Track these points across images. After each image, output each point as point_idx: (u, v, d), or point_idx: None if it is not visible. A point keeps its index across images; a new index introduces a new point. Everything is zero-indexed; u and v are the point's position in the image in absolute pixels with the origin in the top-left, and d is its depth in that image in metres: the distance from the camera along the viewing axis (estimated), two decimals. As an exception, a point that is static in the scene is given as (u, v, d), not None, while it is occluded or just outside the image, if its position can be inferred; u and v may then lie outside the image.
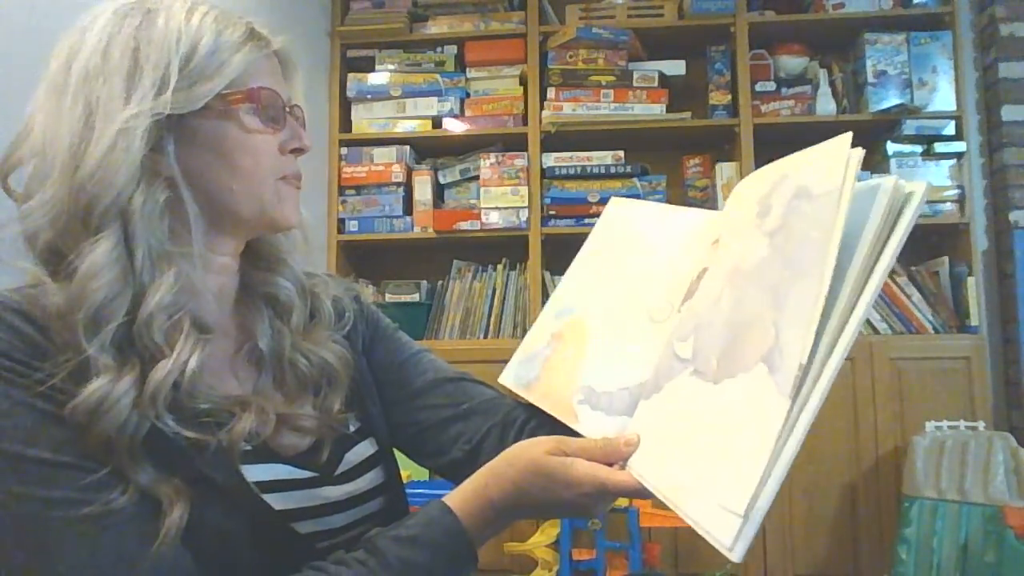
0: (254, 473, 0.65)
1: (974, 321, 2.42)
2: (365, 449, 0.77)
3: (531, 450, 0.63)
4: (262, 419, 0.67)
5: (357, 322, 0.83)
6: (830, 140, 0.57)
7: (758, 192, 0.64)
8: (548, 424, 0.74)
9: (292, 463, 0.69)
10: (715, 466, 0.52)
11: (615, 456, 0.62)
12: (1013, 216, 2.52)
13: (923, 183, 0.52)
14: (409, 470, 2.16)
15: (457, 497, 0.65)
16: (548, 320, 0.86)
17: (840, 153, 0.54)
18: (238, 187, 0.67)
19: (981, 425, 2.27)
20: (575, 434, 0.70)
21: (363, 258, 2.88)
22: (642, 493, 0.59)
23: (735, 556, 0.48)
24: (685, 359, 0.63)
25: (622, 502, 1.99)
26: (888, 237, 0.52)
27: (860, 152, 0.53)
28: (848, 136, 0.54)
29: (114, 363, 0.58)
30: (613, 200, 0.92)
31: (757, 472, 0.48)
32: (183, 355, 0.61)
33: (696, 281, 0.70)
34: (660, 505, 2.23)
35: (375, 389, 0.83)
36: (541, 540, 2.05)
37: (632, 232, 0.86)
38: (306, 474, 0.70)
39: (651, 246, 0.82)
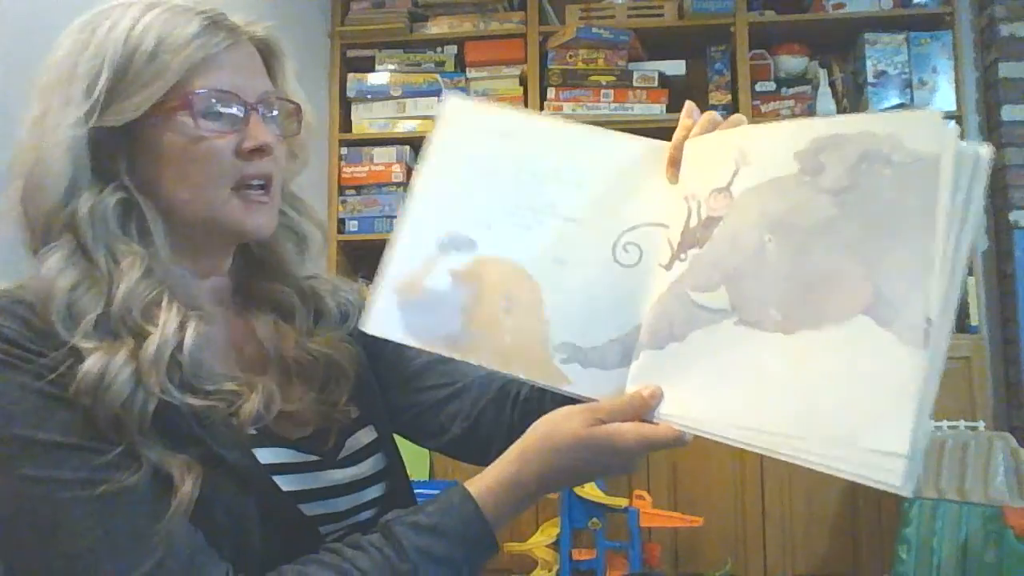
0: (261, 455, 0.65)
1: (974, 321, 2.42)
2: (366, 436, 0.77)
3: (566, 426, 0.63)
4: (269, 401, 0.67)
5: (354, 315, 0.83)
6: (910, 113, 0.61)
7: (791, 147, 0.64)
8: (540, 391, 0.74)
9: (296, 447, 0.70)
10: (846, 413, 0.55)
11: (644, 411, 0.63)
12: (1013, 216, 2.52)
13: (987, 145, 0.56)
14: (409, 469, 2.16)
15: (481, 483, 0.64)
16: (427, 251, 0.72)
17: (935, 126, 0.57)
18: (190, 196, 0.65)
19: (981, 425, 2.27)
20: (565, 398, 0.68)
21: (363, 258, 2.88)
22: (682, 441, 0.62)
23: (908, 491, 0.51)
24: (718, 309, 0.64)
25: (621, 502, 1.99)
26: (969, 196, 0.56)
27: (956, 127, 0.56)
28: (940, 112, 0.58)
29: (103, 343, 0.58)
30: (453, 97, 0.77)
31: (910, 414, 0.52)
32: (171, 324, 0.60)
33: (701, 229, 0.68)
34: (660, 504, 2.23)
35: (373, 377, 0.83)
36: (541, 540, 2.05)
37: (517, 146, 0.75)
38: (310, 457, 0.70)
39: (562, 171, 0.74)
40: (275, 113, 0.70)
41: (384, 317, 0.71)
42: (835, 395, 0.57)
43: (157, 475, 0.57)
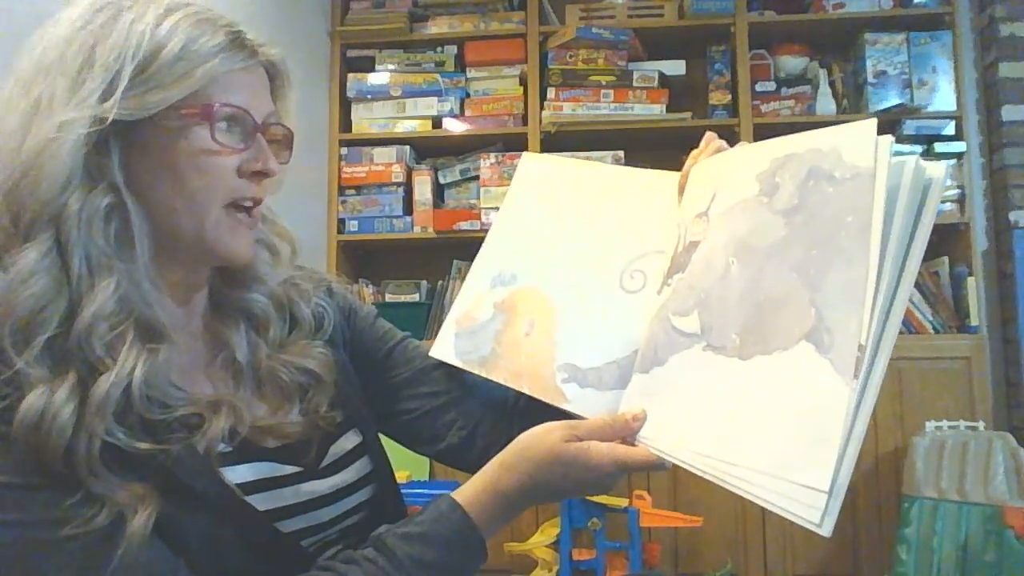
0: (237, 474, 0.64)
1: (974, 321, 2.42)
2: (350, 440, 0.76)
3: (545, 439, 0.63)
4: (237, 417, 0.65)
5: (334, 315, 0.81)
6: (848, 125, 0.58)
7: (754, 168, 0.64)
8: (539, 405, 0.74)
9: (275, 459, 0.68)
10: (776, 444, 0.53)
11: (625, 432, 0.64)
12: (1013, 216, 2.52)
13: (943, 164, 0.54)
14: (409, 470, 2.16)
15: (467, 492, 0.65)
16: (482, 288, 0.83)
17: (867, 138, 0.55)
18: (181, 206, 0.62)
19: (981, 425, 2.27)
20: (566, 414, 0.70)
21: (363, 258, 2.88)
22: (660, 465, 0.62)
23: (825, 531, 0.49)
24: (691, 334, 0.64)
25: (621, 502, 1.99)
26: (918, 216, 0.53)
27: (890, 138, 0.54)
28: (873, 122, 0.56)
29: (48, 374, 0.55)
30: (527, 156, 0.90)
31: (833, 450, 0.50)
32: (127, 366, 0.58)
33: (684, 254, 0.69)
34: (660, 504, 2.23)
35: (356, 380, 0.81)
36: (541, 540, 2.05)
37: (563, 192, 0.84)
38: (290, 469, 0.69)
39: (594, 208, 0.81)
40: (277, 136, 0.70)
41: (442, 343, 0.82)
42: (771, 424, 0.55)
43: (122, 513, 0.55)
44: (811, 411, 0.52)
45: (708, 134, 0.76)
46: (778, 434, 0.54)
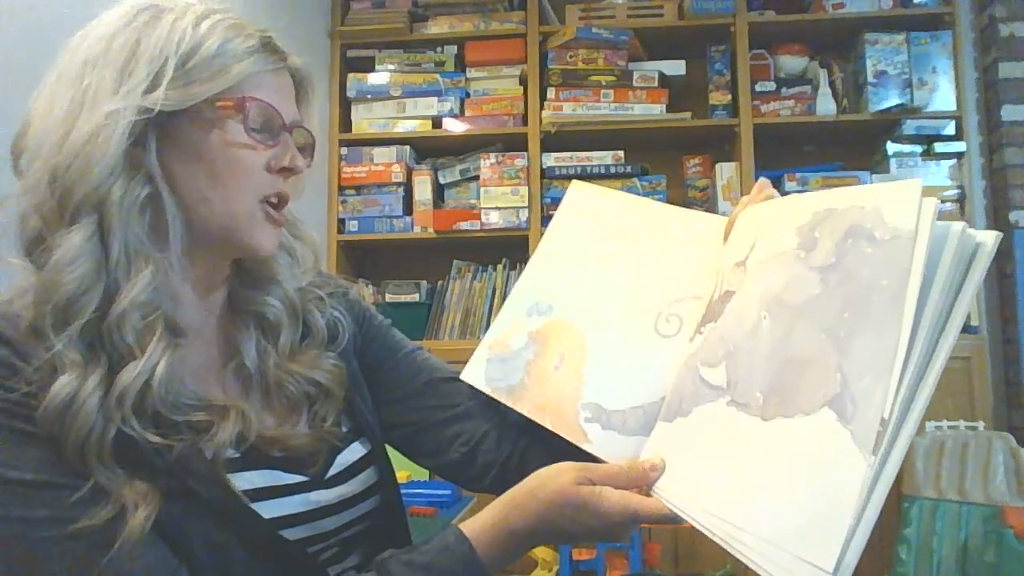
0: (244, 480, 0.64)
1: (974, 321, 2.42)
2: (357, 450, 0.76)
3: (556, 480, 0.62)
4: (245, 424, 0.66)
5: (349, 325, 0.81)
6: (892, 184, 0.56)
7: (794, 221, 0.62)
8: (548, 435, 0.73)
9: (282, 467, 0.69)
10: (786, 514, 0.51)
11: (641, 482, 0.62)
12: (1013, 216, 2.52)
13: (993, 233, 0.51)
14: (409, 470, 2.15)
15: (474, 526, 0.64)
16: (519, 315, 0.82)
17: (910, 199, 0.52)
18: (213, 196, 0.64)
19: (981, 425, 2.27)
20: (574, 449, 0.69)
21: (363, 258, 2.88)
22: (673, 519, 0.59)
23: None
24: (717, 387, 0.62)
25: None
26: (960, 287, 0.51)
27: (935, 201, 0.51)
28: (919, 182, 0.53)
29: (81, 359, 0.57)
30: (575, 184, 0.89)
31: (843, 529, 0.47)
32: (153, 358, 0.60)
33: (719, 303, 0.67)
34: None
35: (366, 389, 0.81)
36: (541, 540, 2.05)
37: (608, 226, 0.83)
38: (297, 478, 0.69)
39: (637, 246, 0.80)
40: (301, 142, 0.72)
41: (474, 367, 0.82)
42: (783, 493, 0.52)
43: (124, 508, 0.56)
44: (825, 484, 0.50)
45: (761, 180, 0.74)
46: (789, 504, 0.51)
